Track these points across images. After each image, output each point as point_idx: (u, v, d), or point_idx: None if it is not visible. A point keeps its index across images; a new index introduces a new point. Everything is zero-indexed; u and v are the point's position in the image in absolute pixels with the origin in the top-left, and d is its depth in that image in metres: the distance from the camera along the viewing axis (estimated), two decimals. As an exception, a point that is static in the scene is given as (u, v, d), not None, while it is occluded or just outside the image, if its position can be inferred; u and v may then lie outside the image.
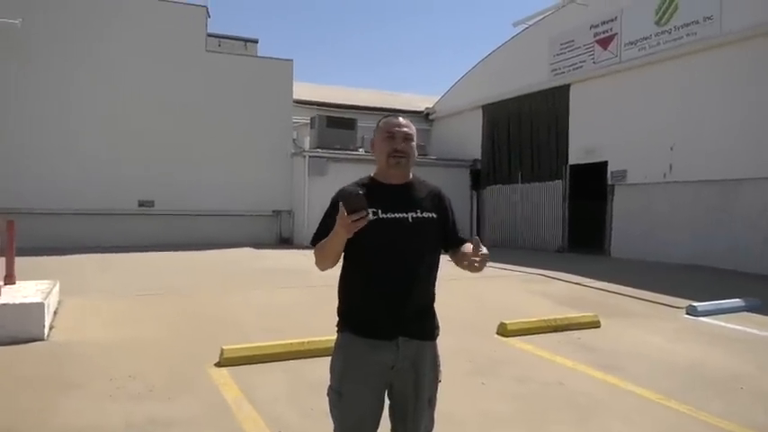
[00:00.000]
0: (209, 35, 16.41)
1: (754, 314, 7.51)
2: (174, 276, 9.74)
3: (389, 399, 2.38)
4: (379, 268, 2.28)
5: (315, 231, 2.33)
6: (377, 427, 2.34)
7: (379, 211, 2.22)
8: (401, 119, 2.42)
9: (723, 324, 7.04)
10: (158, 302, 7.50)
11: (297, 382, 4.59)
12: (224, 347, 5.04)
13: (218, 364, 4.94)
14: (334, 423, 2.36)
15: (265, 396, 4.29)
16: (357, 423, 2.32)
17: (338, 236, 2.14)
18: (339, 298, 2.42)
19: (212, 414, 3.95)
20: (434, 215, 2.37)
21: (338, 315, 2.41)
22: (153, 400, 4.15)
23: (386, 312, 2.28)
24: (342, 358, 2.35)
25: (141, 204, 15.10)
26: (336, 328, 2.40)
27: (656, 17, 12.89)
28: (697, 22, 12.01)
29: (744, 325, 6.96)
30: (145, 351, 5.36)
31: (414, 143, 2.41)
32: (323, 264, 2.28)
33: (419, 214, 2.33)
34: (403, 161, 2.34)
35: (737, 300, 7.90)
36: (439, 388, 2.44)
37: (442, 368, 2.45)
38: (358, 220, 2.09)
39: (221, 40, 17.41)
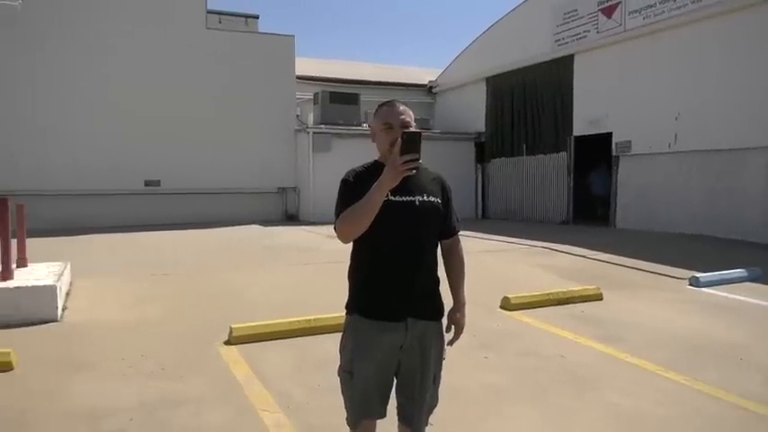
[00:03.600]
0: (210, 12, 16.27)
1: (757, 284, 7.58)
2: (181, 255, 9.87)
3: (396, 377, 2.47)
4: (388, 250, 2.35)
5: (337, 206, 2.33)
6: (386, 405, 2.44)
7: (389, 194, 2.23)
8: (398, 106, 2.43)
9: (725, 294, 7.11)
10: (168, 282, 7.63)
11: (304, 360, 4.70)
12: (233, 326, 5.16)
13: (228, 342, 5.06)
14: (345, 402, 2.45)
15: (273, 373, 4.41)
16: (367, 402, 2.40)
17: (383, 187, 2.15)
18: (349, 280, 2.50)
19: (222, 391, 4.07)
20: (438, 200, 2.45)
21: (348, 297, 2.48)
22: (165, 379, 4.27)
23: (394, 294, 2.36)
24: (351, 340, 2.43)
25: (147, 184, 15.18)
26: (345, 310, 2.48)
27: (661, -16, 12.71)
28: (702, -11, 11.85)
29: (745, 295, 7.03)
30: (156, 330, 5.49)
31: (413, 127, 2.39)
32: (356, 227, 2.25)
33: (425, 198, 2.40)
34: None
35: (740, 270, 7.96)
36: (443, 363, 2.54)
37: (446, 346, 2.54)
38: (410, 161, 2.10)
39: (222, 16, 17.28)
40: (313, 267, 8.56)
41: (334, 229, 2.31)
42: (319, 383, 4.07)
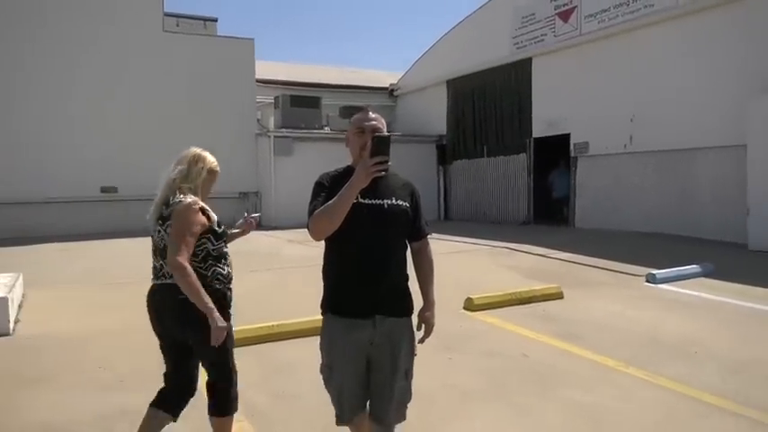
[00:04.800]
0: (167, 14, 16.01)
1: (710, 279, 7.81)
2: (140, 263, 9.57)
3: (369, 372, 2.60)
4: (356, 251, 2.48)
5: (310, 206, 2.46)
6: (367, 396, 2.62)
7: (358, 196, 2.35)
8: (370, 113, 2.58)
9: (680, 290, 7.32)
10: (126, 291, 7.44)
11: (267, 366, 4.64)
12: (193, 334, 5.06)
13: (189, 351, 4.96)
14: (330, 394, 2.65)
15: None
16: (349, 393, 2.58)
17: (354, 187, 2.28)
18: (323, 281, 2.64)
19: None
20: (407, 204, 2.59)
21: (322, 296, 2.63)
22: (124, 391, 4.16)
23: (362, 293, 2.50)
24: (326, 337, 2.61)
25: (104, 190, 14.80)
26: (321, 309, 2.62)
27: (614, -11, 13.03)
28: (654, -6, 12.19)
29: (699, 290, 7.25)
30: (114, 342, 5.35)
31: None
32: (328, 225, 2.36)
33: (394, 202, 2.54)
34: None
35: (694, 266, 8.20)
36: (414, 359, 2.68)
37: (417, 343, 2.67)
38: (380, 163, 2.25)
39: (179, 19, 17.02)
40: (275, 273, 8.47)
41: (307, 227, 2.43)
42: (283, 390, 4.03)
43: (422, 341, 2.69)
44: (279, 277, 7.94)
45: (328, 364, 2.60)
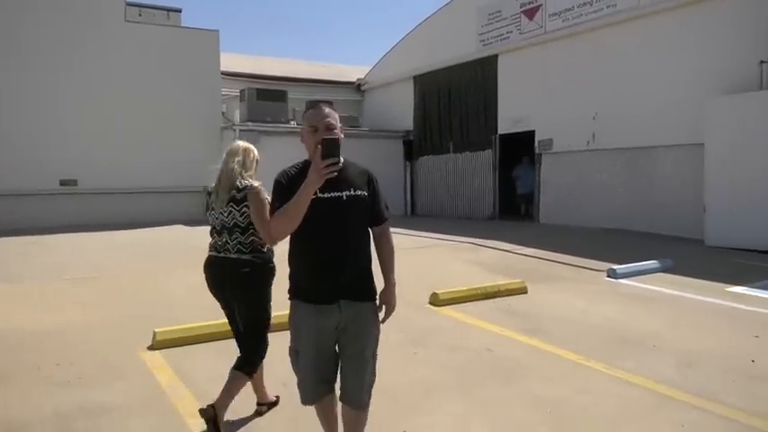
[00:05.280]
0: (129, 4, 15.60)
1: (668, 274, 8.02)
2: (102, 258, 9.45)
3: (338, 356, 2.75)
4: (319, 242, 2.60)
5: (271, 207, 2.61)
6: (333, 382, 2.79)
7: (318, 191, 2.48)
8: (324, 109, 2.64)
9: (640, 285, 7.50)
10: (86, 286, 7.30)
11: (231, 362, 4.57)
12: (156, 330, 4.99)
13: (151, 348, 4.90)
14: (297, 377, 2.78)
15: (200, 377, 4.30)
16: (313, 376, 2.72)
17: (308, 188, 2.41)
18: (289, 269, 2.75)
19: (145, 398, 3.94)
20: (365, 193, 2.69)
21: (289, 283, 2.75)
22: (83, 388, 4.08)
23: (326, 280, 2.62)
24: (293, 323, 2.73)
25: (63, 183, 14.40)
26: (288, 295, 2.76)
27: (579, -11, 13.22)
28: (617, -6, 12.42)
29: (658, 285, 7.44)
30: (74, 338, 5.23)
31: (337, 129, 2.63)
32: (288, 225, 2.50)
33: (353, 192, 2.64)
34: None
35: (653, 261, 8.41)
36: (378, 342, 2.79)
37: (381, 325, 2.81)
38: (331, 165, 2.38)
39: (142, 9, 16.61)
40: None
41: (269, 229, 2.59)
42: (248, 386, 3.99)
43: (383, 321, 2.80)
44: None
45: (295, 348, 2.73)
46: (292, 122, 16.48)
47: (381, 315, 2.80)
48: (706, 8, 10.96)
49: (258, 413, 3.71)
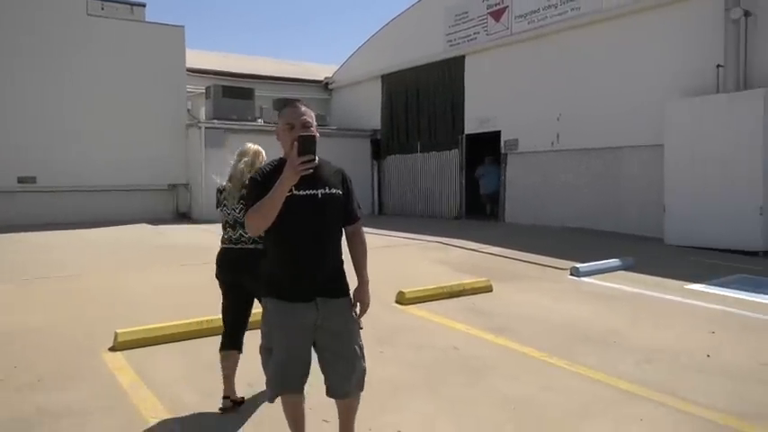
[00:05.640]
0: (91, -3, 15.29)
1: (629, 272, 8.21)
2: (63, 257, 9.22)
3: (317, 353, 2.76)
4: (294, 240, 2.62)
5: (246, 204, 2.65)
6: (304, 380, 2.74)
7: (293, 189, 2.51)
8: (300, 108, 2.69)
9: (602, 283, 7.66)
10: (46, 286, 7.12)
11: (195, 363, 4.55)
12: (118, 331, 4.90)
13: (113, 349, 4.80)
14: (267, 376, 2.76)
15: (163, 378, 4.23)
16: (284, 376, 2.70)
17: (284, 185, 2.44)
18: (263, 266, 2.78)
19: (106, 400, 3.86)
20: (340, 192, 2.73)
21: (263, 281, 2.76)
22: (42, 391, 3.98)
23: (302, 278, 2.65)
24: (267, 321, 2.72)
25: (21, 181, 14.02)
26: (262, 293, 2.78)
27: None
28: (581, -3, 12.64)
29: (619, 283, 7.61)
30: (32, 339, 5.10)
31: (313, 127, 2.67)
32: (262, 221, 2.52)
33: (327, 190, 2.68)
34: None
35: (615, 260, 8.59)
36: (360, 333, 2.86)
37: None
38: (307, 162, 2.41)
39: (105, 3, 16.23)
40: (205, 267, 8.24)
41: (244, 224, 2.65)
42: (212, 387, 3.95)
43: (358, 318, 2.84)
44: (210, 272, 7.74)
45: (267, 346, 2.72)
46: (259, 120, 16.34)
47: (356, 312, 2.84)
48: (667, 12, 11.25)
49: (223, 408, 3.67)
